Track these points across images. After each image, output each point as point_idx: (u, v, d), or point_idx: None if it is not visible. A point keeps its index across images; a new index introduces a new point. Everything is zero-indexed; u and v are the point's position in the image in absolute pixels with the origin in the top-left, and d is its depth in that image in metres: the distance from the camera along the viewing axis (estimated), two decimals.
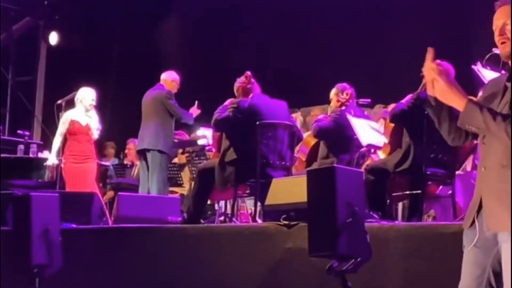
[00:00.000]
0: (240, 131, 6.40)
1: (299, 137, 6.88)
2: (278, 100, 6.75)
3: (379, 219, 5.37)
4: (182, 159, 9.57)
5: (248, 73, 6.70)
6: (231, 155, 6.38)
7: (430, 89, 2.90)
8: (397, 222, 5.76)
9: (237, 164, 6.34)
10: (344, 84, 7.20)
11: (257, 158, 6.27)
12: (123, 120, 11.44)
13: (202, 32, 12.05)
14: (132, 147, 10.14)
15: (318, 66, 10.82)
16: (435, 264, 4.51)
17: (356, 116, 6.80)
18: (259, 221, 6.51)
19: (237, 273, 5.33)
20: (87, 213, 6.83)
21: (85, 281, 5.91)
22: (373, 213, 5.50)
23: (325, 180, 4.01)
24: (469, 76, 5.66)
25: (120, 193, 7.32)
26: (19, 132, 9.64)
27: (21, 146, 9.01)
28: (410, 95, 5.90)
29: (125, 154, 11.10)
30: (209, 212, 8.39)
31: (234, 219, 6.64)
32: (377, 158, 6.68)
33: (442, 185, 6.33)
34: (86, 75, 9.95)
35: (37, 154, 8.81)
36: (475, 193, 2.97)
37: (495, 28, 2.95)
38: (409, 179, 5.92)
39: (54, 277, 5.19)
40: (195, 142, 8.65)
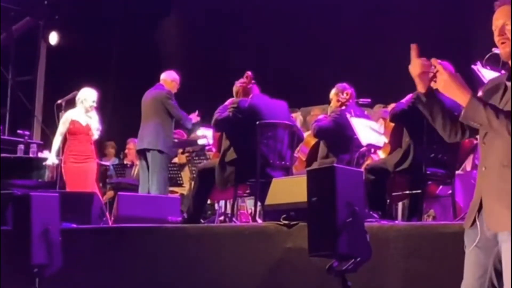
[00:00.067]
0: (240, 131, 6.40)
1: (300, 137, 6.88)
2: (278, 100, 6.74)
3: (379, 219, 5.36)
4: (182, 159, 9.57)
5: (249, 73, 6.70)
6: (232, 155, 6.38)
7: (419, 85, 2.92)
8: (397, 222, 5.76)
9: (237, 164, 6.34)
10: (344, 84, 7.19)
11: (257, 158, 6.28)
12: (123, 120, 11.44)
13: (202, 32, 12.04)
14: (132, 147, 10.13)
15: (318, 66, 10.81)
16: (435, 264, 4.51)
17: (356, 116, 6.80)
18: (259, 221, 6.51)
19: (237, 273, 5.32)
20: (87, 213, 6.82)
21: (85, 281, 5.91)
22: (373, 213, 5.49)
23: (325, 180, 4.01)
24: (469, 76, 5.65)
25: (120, 193, 7.31)
26: (19, 132, 9.65)
27: (21, 146, 9.01)
28: (410, 95, 5.89)
29: (125, 154, 11.10)
30: (209, 212, 8.39)
31: (234, 219, 6.64)
32: (377, 158, 6.68)
33: (442, 185, 6.33)
34: (86, 75, 9.96)
35: (37, 154, 8.82)
36: (476, 193, 2.97)
37: (495, 28, 2.95)
38: (409, 179, 5.92)
39: (54, 277, 5.18)
40: (195, 142, 8.65)
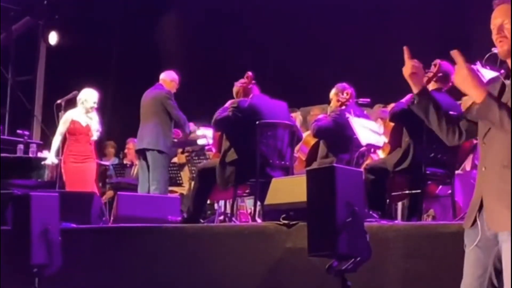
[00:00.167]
0: (240, 131, 6.40)
1: (299, 137, 6.88)
2: (278, 101, 6.75)
3: (379, 219, 5.36)
4: (182, 159, 9.56)
5: (250, 74, 6.70)
6: (232, 155, 6.38)
7: (412, 87, 2.93)
8: (397, 222, 5.76)
9: (238, 164, 6.34)
10: (344, 84, 7.19)
11: (257, 158, 6.28)
12: (123, 120, 11.43)
13: (202, 32, 12.03)
14: (132, 147, 10.12)
15: (318, 66, 10.81)
16: (435, 264, 4.51)
17: (356, 116, 6.80)
18: (259, 221, 6.51)
19: (237, 273, 5.32)
20: (87, 213, 6.81)
21: (85, 281, 5.91)
22: (373, 213, 5.49)
23: (325, 180, 4.01)
24: None
25: (120, 193, 7.31)
26: (19, 132, 9.65)
27: (21, 146, 9.01)
28: (410, 95, 5.84)
29: (125, 154, 11.10)
30: (209, 212, 8.39)
31: (234, 219, 6.64)
32: (377, 158, 6.68)
33: (442, 185, 6.33)
34: (86, 75, 9.96)
35: (37, 154, 8.82)
36: (476, 193, 2.97)
37: (493, 27, 2.96)
38: (409, 179, 5.92)
39: (54, 277, 5.18)
40: (195, 142, 8.65)
